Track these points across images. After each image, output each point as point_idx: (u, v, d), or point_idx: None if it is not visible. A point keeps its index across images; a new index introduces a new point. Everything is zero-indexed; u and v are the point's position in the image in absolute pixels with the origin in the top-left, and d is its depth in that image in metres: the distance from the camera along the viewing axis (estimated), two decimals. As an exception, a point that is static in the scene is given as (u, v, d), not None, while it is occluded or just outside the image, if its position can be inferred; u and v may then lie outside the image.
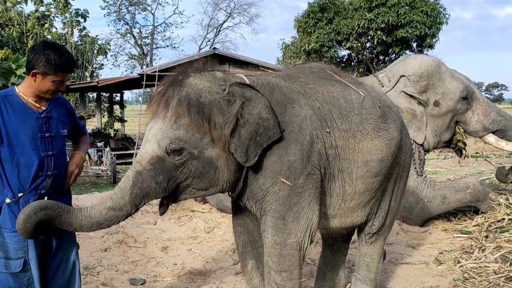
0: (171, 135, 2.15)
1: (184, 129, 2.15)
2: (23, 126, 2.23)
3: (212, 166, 2.22)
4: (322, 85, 2.60)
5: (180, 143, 2.15)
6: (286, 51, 19.89)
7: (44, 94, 2.27)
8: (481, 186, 5.14)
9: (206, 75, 2.29)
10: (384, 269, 3.87)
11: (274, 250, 2.37)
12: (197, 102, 2.15)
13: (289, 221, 2.33)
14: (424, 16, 16.53)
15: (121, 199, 2.17)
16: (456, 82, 5.07)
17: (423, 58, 5.25)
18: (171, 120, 2.16)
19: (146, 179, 2.17)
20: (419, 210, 5.02)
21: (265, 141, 2.25)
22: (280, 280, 2.39)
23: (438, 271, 3.86)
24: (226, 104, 2.20)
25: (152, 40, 33.43)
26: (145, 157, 2.19)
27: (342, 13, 17.51)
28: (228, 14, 34.16)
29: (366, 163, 2.56)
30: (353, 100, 2.60)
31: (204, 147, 2.18)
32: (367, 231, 2.97)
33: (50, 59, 2.18)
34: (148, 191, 2.18)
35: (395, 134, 2.73)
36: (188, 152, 2.17)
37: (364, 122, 2.56)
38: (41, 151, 2.26)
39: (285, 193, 2.30)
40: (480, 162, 10.39)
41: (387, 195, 2.89)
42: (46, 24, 17.51)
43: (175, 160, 2.17)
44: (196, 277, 3.82)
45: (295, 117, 2.36)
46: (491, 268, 3.75)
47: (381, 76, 5.28)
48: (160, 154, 2.16)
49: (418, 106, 5.00)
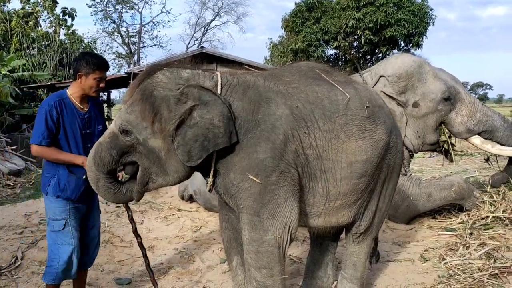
0: (123, 117, 2.44)
1: (134, 115, 2.40)
2: (73, 123, 2.87)
3: (155, 155, 2.43)
4: (308, 85, 2.60)
5: (129, 126, 2.42)
6: (274, 51, 19.92)
7: (89, 92, 2.88)
8: (466, 184, 5.19)
9: (173, 72, 2.46)
10: (370, 267, 3.89)
11: (251, 247, 2.40)
12: (150, 94, 2.36)
13: (264, 218, 2.36)
14: (411, 15, 16.68)
15: (90, 171, 2.57)
16: (438, 82, 5.01)
17: (404, 58, 5.17)
18: (128, 104, 2.44)
19: (104, 149, 2.50)
20: (405, 208, 5.06)
21: (211, 147, 2.34)
22: (260, 277, 2.42)
23: (423, 268, 3.90)
24: (175, 102, 2.35)
25: (139, 39, 33.21)
26: (107, 132, 2.56)
27: (329, 12, 17.58)
28: (215, 13, 34.09)
29: (351, 164, 2.56)
30: (338, 101, 2.59)
31: (147, 136, 2.40)
32: (354, 231, 2.97)
33: (89, 61, 2.82)
34: (105, 160, 2.50)
35: (382, 135, 2.70)
36: (135, 136, 2.43)
37: (349, 123, 2.56)
38: (83, 144, 2.89)
39: (256, 190, 2.34)
40: (465, 160, 10.50)
41: (375, 195, 2.89)
42: (30, 22, 17.30)
43: (125, 139, 2.45)
44: (182, 276, 3.81)
45: (269, 116, 2.38)
46: (476, 265, 3.79)
47: (366, 75, 5.25)
48: (115, 131, 2.48)
49: (397, 107, 4.97)
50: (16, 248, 4.23)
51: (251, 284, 2.46)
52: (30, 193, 7.54)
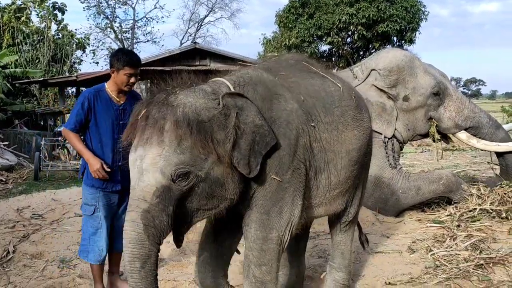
0: (176, 160, 1.97)
1: (188, 152, 1.99)
2: (106, 114, 3.08)
3: (218, 184, 2.11)
4: (303, 78, 2.63)
5: (186, 167, 1.99)
6: (267, 46, 19.92)
7: (121, 86, 3.06)
8: (454, 177, 5.27)
9: (196, 90, 2.15)
10: (359, 258, 3.96)
11: (255, 245, 2.35)
12: (197, 121, 2.00)
13: (272, 216, 2.32)
14: (404, 11, 16.75)
15: (142, 249, 1.99)
16: (428, 77, 5.11)
17: (395, 53, 5.29)
18: (172, 144, 1.97)
19: (156, 215, 1.98)
20: (394, 201, 5.13)
21: (263, 149, 2.18)
22: (259, 273, 2.39)
23: (410, 259, 3.96)
24: (224, 118, 2.09)
25: (132, 35, 33.04)
26: (149, 190, 1.98)
27: (323, 8, 17.59)
28: (209, 9, 33.94)
29: (348, 152, 2.64)
30: (332, 92, 2.65)
31: (210, 167, 2.06)
32: (344, 219, 3.03)
33: (120, 58, 3.02)
34: (162, 227, 2.00)
35: (368, 123, 2.85)
36: (195, 175, 2.02)
37: (345, 114, 2.63)
38: (116, 134, 3.03)
39: (273, 188, 2.29)
40: (457, 155, 10.63)
41: (360, 181, 3.00)
42: (22, 17, 17.22)
43: (182, 186, 2.00)
44: (173, 268, 3.85)
45: (282, 112, 2.34)
46: (462, 255, 3.86)
47: (356, 69, 5.34)
48: (166, 183, 1.97)
49: (388, 100, 5.06)
50: (8, 242, 4.25)
51: (249, 280, 2.42)
52: (22, 189, 7.55)
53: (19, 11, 17.00)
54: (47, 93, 18.23)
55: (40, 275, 3.63)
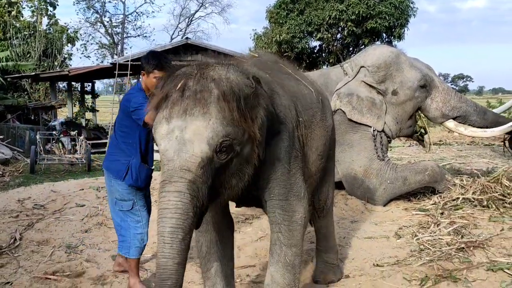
0: (224, 132, 1.91)
1: (233, 124, 1.95)
2: None
3: (244, 162, 2.10)
4: (284, 79, 2.84)
5: (230, 140, 1.94)
6: (258, 42, 20.06)
7: (151, 88, 2.94)
8: (438, 168, 5.55)
9: (232, 68, 2.11)
10: (349, 243, 4.22)
11: (283, 226, 2.47)
12: (241, 96, 1.98)
13: (292, 200, 2.48)
14: (393, 8, 17.03)
15: (187, 219, 1.89)
16: (414, 71, 5.40)
17: (382, 49, 5.55)
18: (219, 115, 1.92)
19: (200, 187, 1.91)
20: (382, 191, 5.39)
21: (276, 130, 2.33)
22: (291, 254, 2.48)
23: (397, 243, 4.23)
24: (257, 98, 2.10)
25: (122, 29, 33.01)
26: (193, 161, 1.88)
27: (313, 4, 17.78)
28: (200, 4, 34.06)
29: (317, 148, 2.91)
30: (305, 95, 2.91)
31: (244, 143, 2.04)
32: (318, 207, 3.32)
33: (149, 61, 3.06)
34: (204, 200, 1.94)
35: (330, 120, 3.20)
36: (234, 149, 1.98)
37: (315, 115, 2.90)
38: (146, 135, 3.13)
39: (285, 177, 2.45)
40: (443, 149, 10.96)
41: (326, 173, 3.32)
42: (13, 12, 17.17)
43: (222, 159, 1.95)
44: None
45: (280, 107, 2.48)
46: (444, 240, 4.14)
47: (346, 66, 5.60)
48: (210, 155, 1.90)
49: (377, 95, 5.33)
50: (14, 230, 4.42)
51: (280, 263, 2.47)
52: (19, 181, 7.67)
53: (10, 5, 16.96)
54: (38, 88, 18.24)
55: (49, 259, 3.82)
